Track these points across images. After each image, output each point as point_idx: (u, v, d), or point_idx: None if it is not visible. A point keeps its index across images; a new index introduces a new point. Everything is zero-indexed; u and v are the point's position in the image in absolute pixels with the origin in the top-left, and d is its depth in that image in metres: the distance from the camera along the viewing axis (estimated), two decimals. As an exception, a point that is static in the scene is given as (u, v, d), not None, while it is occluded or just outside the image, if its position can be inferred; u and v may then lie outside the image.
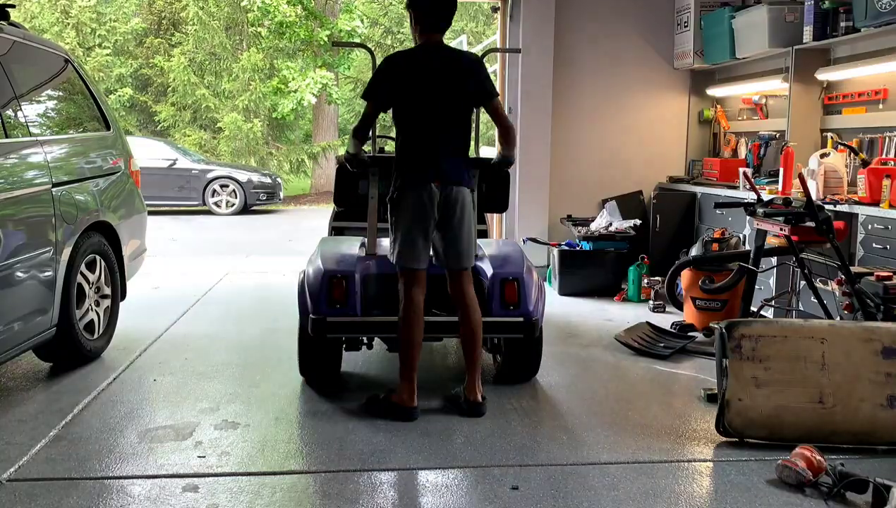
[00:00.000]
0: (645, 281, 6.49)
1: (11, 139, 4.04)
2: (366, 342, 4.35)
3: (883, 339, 3.46)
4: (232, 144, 19.12)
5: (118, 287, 4.91)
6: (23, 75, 4.34)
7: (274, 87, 19.15)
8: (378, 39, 22.19)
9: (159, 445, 3.44)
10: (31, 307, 3.98)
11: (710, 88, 7.41)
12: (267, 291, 6.87)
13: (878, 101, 5.45)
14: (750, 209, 4.61)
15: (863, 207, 4.79)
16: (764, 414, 3.42)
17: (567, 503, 2.94)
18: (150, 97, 20.14)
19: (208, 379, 4.37)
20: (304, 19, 18.82)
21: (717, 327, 3.59)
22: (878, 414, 3.39)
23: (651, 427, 3.73)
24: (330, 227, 5.66)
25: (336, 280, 3.94)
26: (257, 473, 3.19)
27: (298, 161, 20.81)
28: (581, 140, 7.40)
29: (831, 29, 5.49)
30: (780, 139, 6.34)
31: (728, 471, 3.25)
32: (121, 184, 5.12)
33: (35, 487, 3.02)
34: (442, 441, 3.51)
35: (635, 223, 6.86)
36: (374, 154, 4.72)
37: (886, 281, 4.09)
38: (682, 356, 4.93)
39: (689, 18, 7.05)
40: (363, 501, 2.95)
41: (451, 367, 4.75)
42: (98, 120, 5.14)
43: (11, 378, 4.34)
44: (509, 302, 3.99)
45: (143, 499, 2.95)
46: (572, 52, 7.27)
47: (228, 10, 19.47)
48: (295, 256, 7.60)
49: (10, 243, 3.77)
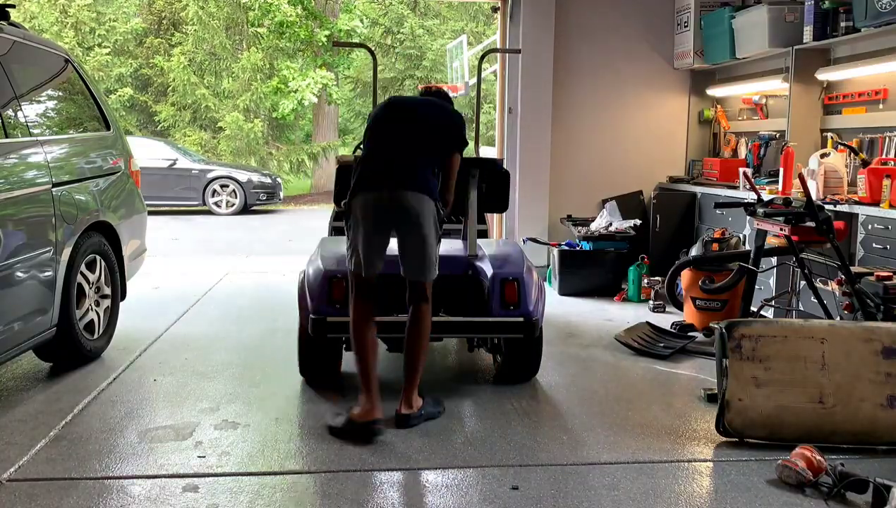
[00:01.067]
0: (645, 281, 6.49)
1: (11, 139, 4.04)
2: (366, 342, 4.34)
3: (883, 339, 3.45)
4: (232, 144, 19.12)
5: (118, 287, 4.91)
6: (23, 75, 4.34)
7: (274, 87, 19.15)
8: (378, 39, 22.19)
9: (159, 445, 3.44)
10: (32, 307, 3.98)
11: (710, 88, 7.41)
12: (267, 291, 6.87)
13: (878, 101, 5.45)
14: (750, 209, 4.61)
15: (863, 207, 4.79)
16: (764, 414, 3.42)
17: (567, 503, 2.94)
18: (150, 97, 20.14)
19: (208, 379, 4.37)
20: (304, 19, 18.84)
21: (717, 327, 3.59)
22: (878, 414, 3.39)
23: (651, 427, 3.73)
24: (330, 227, 5.66)
25: (336, 280, 3.94)
26: (257, 473, 3.19)
27: (298, 161, 20.82)
28: (581, 140, 7.40)
29: (831, 29, 5.50)
30: (780, 139, 6.34)
31: (728, 471, 3.25)
32: (121, 184, 5.12)
33: (35, 487, 3.02)
34: (442, 442, 3.51)
35: (635, 223, 6.86)
36: None
37: (886, 281, 4.09)
38: (682, 356, 4.93)
39: (689, 18, 7.05)
40: (363, 501, 2.95)
41: (451, 367, 4.75)
42: (98, 120, 5.14)
43: (11, 378, 4.34)
44: (509, 302, 3.99)
45: (143, 499, 2.95)
46: (572, 52, 7.27)
47: (228, 10, 19.47)
48: (295, 256, 7.60)
49: (11, 243, 3.77)
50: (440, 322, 4.01)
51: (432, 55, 21.70)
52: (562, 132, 7.34)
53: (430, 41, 21.98)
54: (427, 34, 22.11)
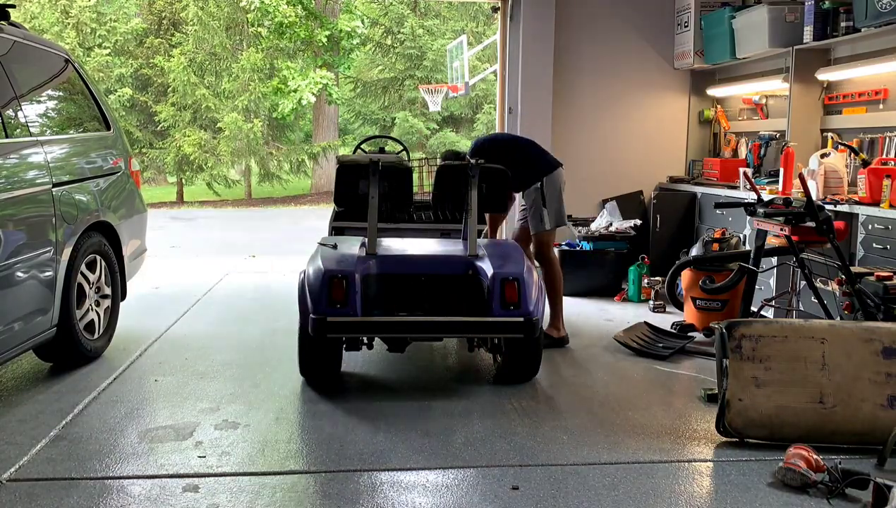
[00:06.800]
0: (645, 282, 6.49)
1: (12, 139, 4.04)
2: (366, 342, 4.34)
3: (883, 339, 3.45)
4: (232, 144, 19.11)
5: (118, 287, 4.91)
6: (23, 75, 4.34)
7: (274, 87, 19.14)
8: (378, 39, 22.20)
9: (159, 445, 3.44)
10: (32, 307, 3.98)
11: (710, 88, 7.41)
12: (267, 291, 6.87)
13: (879, 101, 5.45)
14: (750, 209, 4.61)
15: (863, 207, 4.79)
16: (764, 414, 3.42)
17: (567, 503, 2.94)
18: (150, 97, 20.12)
19: (208, 379, 4.37)
20: (304, 19, 18.83)
21: (718, 327, 3.59)
22: (878, 414, 3.39)
23: (651, 427, 3.73)
24: (330, 227, 5.66)
25: (336, 280, 3.94)
26: (257, 473, 3.19)
27: (298, 161, 20.81)
28: (581, 140, 7.40)
29: (831, 29, 5.50)
30: (780, 139, 6.34)
31: (728, 471, 3.25)
32: (121, 184, 5.12)
33: (35, 487, 3.02)
34: (442, 442, 3.51)
35: (635, 223, 6.86)
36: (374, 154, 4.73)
37: (886, 281, 4.09)
38: (682, 356, 4.93)
39: (689, 18, 7.05)
40: (363, 501, 2.95)
41: (451, 367, 4.75)
42: (98, 120, 5.14)
43: (11, 378, 4.34)
44: (509, 302, 3.99)
45: (143, 499, 2.95)
46: (572, 52, 7.27)
47: (228, 10, 19.45)
48: (295, 256, 7.60)
49: (11, 243, 3.77)
50: (440, 322, 4.01)
51: (432, 55, 21.70)
52: (562, 132, 7.33)
53: (430, 41, 21.98)
54: (427, 34, 22.11)
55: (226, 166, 20.13)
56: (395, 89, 22.92)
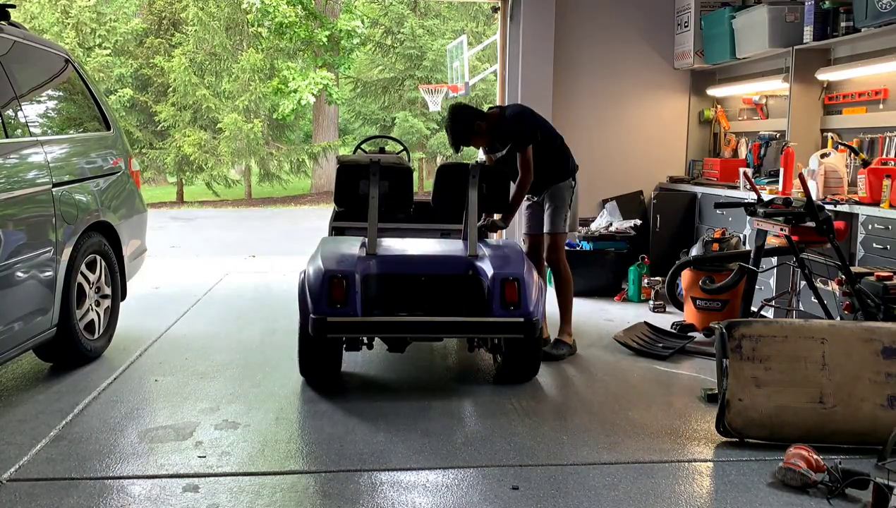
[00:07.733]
0: (645, 282, 6.49)
1: (12, 139, 4.04)
2: (366, 342, 4.34)
3: (883, 339, 3.45)
4: (232, 144, 19.11)
5: (118, 287, 4.91)
6: (23, 75, 4.34)
7: (274, 88, 19.15)
8: (378, 39, 22.20)
9: (159, 445, 3.44)
10: (32, 307, 3.98)
11: (710, 88, 7.41)
12: (267, 291, 6.87)
13: (879, 101, 5.45)
14: (750, 209, 4.61)
15: (863, 207, 4.79)
16: (764, 414, 3.42)
17: (567, 503, 2.94)
18: (151, 97, 20.13)
19: (208, 379, 4.37)
20: (304, 19, 18.84)
21: (718, 327, 3.59)
22: (878, 414, 3.39)
23: (651, 427, 3.73)
24: (330, 227, 5.66)
25: (336, 280, 3.94)
26: (257, 473, 3.19)
27: (298, 161, 20.82)
28: (581, 140, 7.37)
29: (831, 29, 5.49)
30: (780, 139, 6.34)
31: (728, 471, 3.25)
32: (121, 184, 5.12)
33: (35, 487, 3.02)
34: (442, 442, 3.51)
35: (635, 223, 6.86)
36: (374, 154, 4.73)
37: (887, 281, 4.09)
38: (682, 356, 4.93)
39: (689, 18, 7.05)
40: (363, 501, 2.95)
41: (451, 367, 4.75)
42: (98, 120, 5.14)
43: (11, 378, 4.34)
44: (509, 302, 3.99)
45: (143, 499, 2.95)
46: (572, 52, 7.27)
47: (228, 11, 19.47)
48: (295, 256, 7.60)
49: (11, 243, 3.77)
50: (440, 322, 4.01)
51: (432, 55, 21.69)
52: (562, 132, 7.27)
53: (430, 41, 21.98)
54: (427, 34, 22.11)
55: (226, 166, 20.15)
56: (395, 89, 22.92)
